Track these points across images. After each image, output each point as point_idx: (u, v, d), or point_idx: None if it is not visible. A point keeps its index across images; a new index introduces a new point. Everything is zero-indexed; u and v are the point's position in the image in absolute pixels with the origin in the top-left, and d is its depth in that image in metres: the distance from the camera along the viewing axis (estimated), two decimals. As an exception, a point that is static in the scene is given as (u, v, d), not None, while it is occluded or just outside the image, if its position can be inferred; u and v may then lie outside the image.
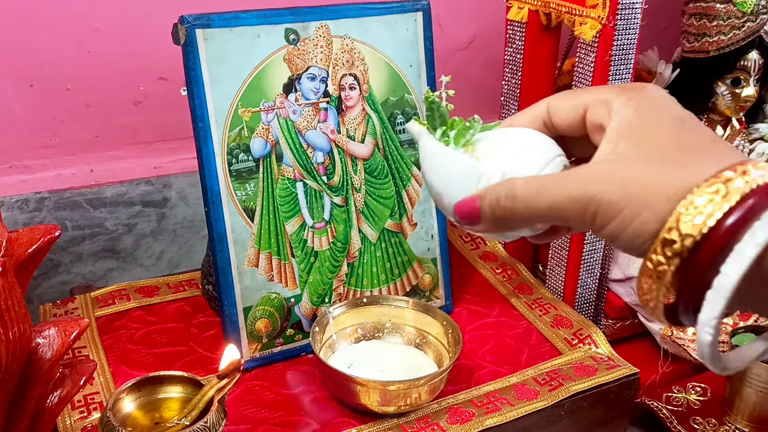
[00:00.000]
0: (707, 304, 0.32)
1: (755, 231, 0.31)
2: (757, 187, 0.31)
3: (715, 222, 0.31)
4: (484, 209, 0.39)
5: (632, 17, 0.75)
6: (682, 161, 0.34)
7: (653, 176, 0.34)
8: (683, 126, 0.36)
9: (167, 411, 0.61)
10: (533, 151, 0.40)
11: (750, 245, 0.31)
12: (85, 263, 0.98)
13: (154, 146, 1.00)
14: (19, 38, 0.88)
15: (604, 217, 0.35)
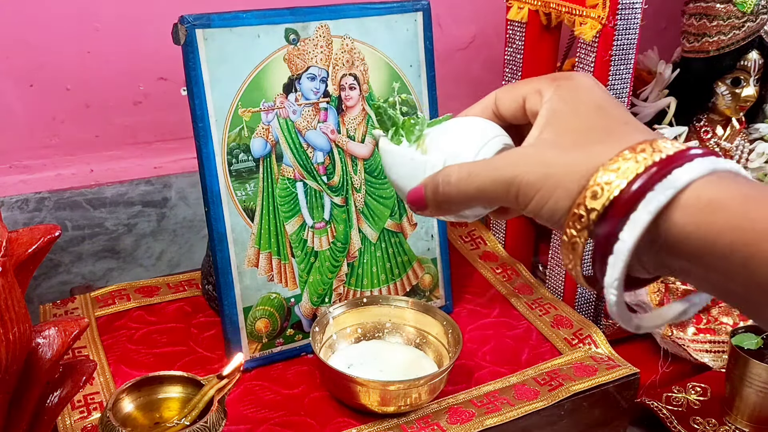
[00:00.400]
0: (609, 268, 0.35)
1: (649, 200, 0.34)
2: (653, 162, 0.35)
3: (614, 196, 0.35)
4: (428, 196, 0.43)
5: (632, 17, 0.75)
6: (593, 144, 0.38)
7: (566, 159, 0.38)
8: (599, 111, 0.40)
9: (167, 411, 0.61)
10: (470, 136, 0.44)
11: (643, 213, 0.34)
12: (85, 263, 0.98)
13: (154, 146, 1.00)
14: (19, 38, 0.88)
15: (525, 196, 0.39)
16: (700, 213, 0.34)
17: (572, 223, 0.37)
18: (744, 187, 0.34)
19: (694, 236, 0.34)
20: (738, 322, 0.90)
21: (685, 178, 0.34)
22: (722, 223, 0.33)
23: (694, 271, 0.36)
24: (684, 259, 0.36)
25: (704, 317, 0.91)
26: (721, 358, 0.87)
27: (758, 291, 0.33)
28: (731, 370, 0.79)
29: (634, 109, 0.92)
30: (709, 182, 0.35)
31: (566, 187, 0.37)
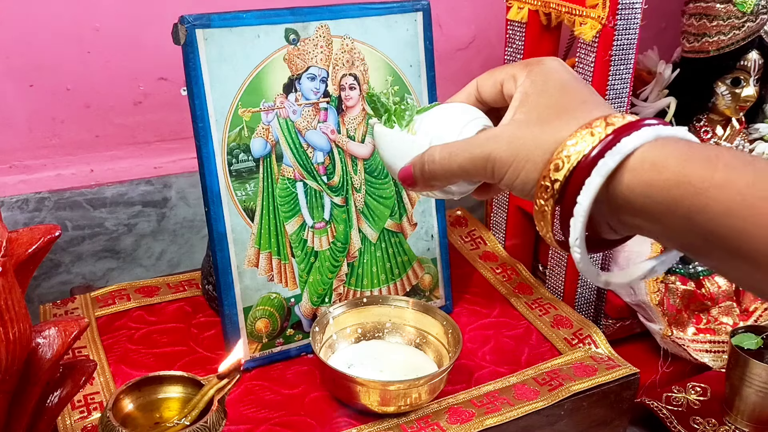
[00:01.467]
0: (571, 229, 0.41)
1: (600, 166, 0.39)
2: (605, 135, 0.40)
3: (573, 167, 0.40)
4: (416, 174, 0.48)
5: (632, 17, 0.75)
6: (555, 120, 0.43)
7: (534, 135, 0.43)
8: (562, 90, 0.44)
9: (167, 411, 0.61)
10: (453, 118, 0.49)
11: (596, 177, 0.39)
12: (85, 263, 0.98)
13: (154, 146, 1.00)
14: (19, 38, 0.88)
15: (499, 171, 0.44)
16: (646, 173, 0.39)
17: (540, 193, 0.42)
18: (683, 148, 0.39)
19: (643, 195, 0.39)
20: (738, 322, 0.90)
21: (631, 144, 0.39)
22: (664, 182, 0.38)
23: (651, 227, 0.40)
24: (639, 217, 0.40)
25: (704, 317, 0.91)
26: (721, 358, 0.87)
27: (703, 241, 0.38)
28: (731, 370, 0.79)
29: (634, 109, 0.92)
30: (653, 147, 0.39)
31: (534, 161, 0.42)
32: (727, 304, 0.91)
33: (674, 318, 0.88)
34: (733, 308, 0.92)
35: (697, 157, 0.38)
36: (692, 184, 0.37)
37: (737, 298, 0.93)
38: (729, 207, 0.36)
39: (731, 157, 0.38)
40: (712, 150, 0.39)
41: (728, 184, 0.36)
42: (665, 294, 0.88)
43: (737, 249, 0.37)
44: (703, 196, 0.37)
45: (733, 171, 0.37)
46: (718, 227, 0.37)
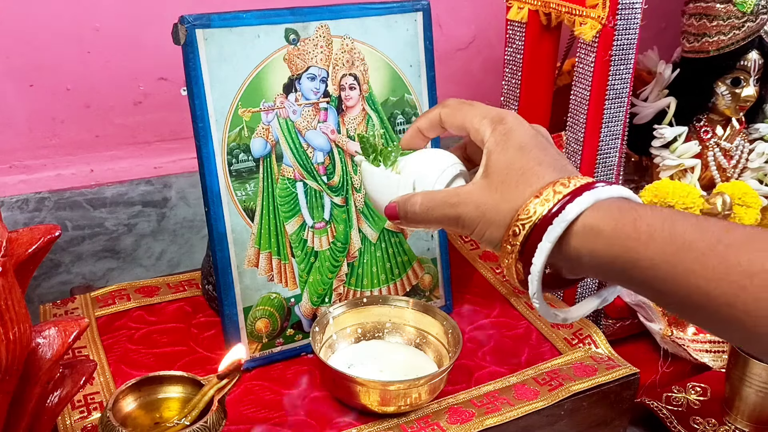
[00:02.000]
0: (530, 285, 0.47)
1: (549, 232, 0.45)
2: (554, 203, 0.46)
3: (527, 233, 0.46)
4: (400, 213, 0.54)
5: (632, 17, 0.75)
6: (514, 188, 0.48)
7: (495, 202, 0.49)
8: (520, 152, 0.50)
9: (167, 411, 0.61)
10: (433, 163, 0.55)
11: (546, 242, 0.46)
12: (85, 263, 0.98)
13: (154, 146, 1.00)
14: (19, 38, 0.88)
15: (468, 229, 0.51)
16: (587, 237, 0.45)
17: (504, 254, 0.49)
18: (615, 212, 0.45)
19: (587, 255, 0.46)
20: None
21: (573, 212, 0.45)
22: (602, 244, 0.45)
23: (599, 276, 0.48)
24: (588, 270, 0.47)
25: (704, 317, 0.91)
26: (721, 358, 0.87)
27: (639, 287, 0.45)
28: (731, 370, 0.79)
29: (634, 109, 0.92)
30: (591, 212, 0.45)
31: (496, 224, 0.49)
32: (727, 304, 0.91)
33: (674, 318, 0.88)
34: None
35: (626, 219, 0.44)
36: (623, 243, 0.44)
37: (737, 298, 0.93)
38: (653, 262, 0.43)
39: (653, 216, 0.44)
40: (639, 210, 0.45)
41: (650, 242, 0.43)
42: (665, 294, 0.88)
43: (665, 294, 0.43)
44: (632, 253, 0.43)
45: (654, 230, 0.43)
46: (646, 277, 0.43)
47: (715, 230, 0.42)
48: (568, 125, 0.83)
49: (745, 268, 0.39)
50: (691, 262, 0.41)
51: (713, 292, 0.40)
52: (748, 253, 0.40)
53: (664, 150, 0.91)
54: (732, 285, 0.40)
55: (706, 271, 0.41)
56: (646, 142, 0.92)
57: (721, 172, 0.93)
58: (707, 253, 0.41)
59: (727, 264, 0.40)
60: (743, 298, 0.39)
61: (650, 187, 0.88)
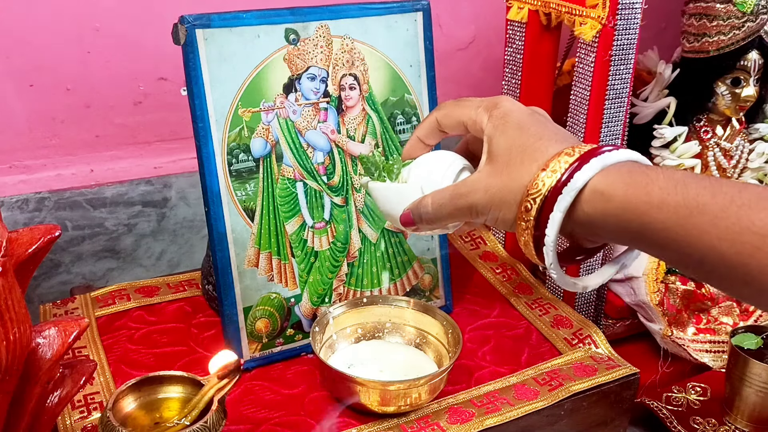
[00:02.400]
0: (546, 256, 0.48)
1: (559, 202, 0.46)
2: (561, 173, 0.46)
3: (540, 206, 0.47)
4: (416, 219, 0.56)
5: (632, 17, 0.75)
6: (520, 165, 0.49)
7: (503, 183, 0.50)
8: (519, 131, 0.50)
9: (167, 411, 0.61)
10: (436, 164, 0.57)
11: (557, 212, 0.46)
12: (85, 263, 0.98)
13: (154, 146, 1.00)
14: (19, 38, 0.88)
15: (482, 215, 0.51)
16: (598, 203, 0.46)
17: (520, 231, 0.49)
18: (626, 176, 0.45)
19: (600, 220, 0.46)
20: (738, 322, 0.90)
21: (582, 179, 0.46)
22: (614, 208, 0.45)
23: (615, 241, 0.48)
24: (603, 235, 0.48)
25: (704, 317, 0.91)
26: (721, 358, 0.87)
27: (655, 250, 0.45)
28: (731, 370, 0.79)
29: (634, 109, 0.92)
30: (601, 177, 0.46)
31: (508, 204, 0.49)
32: (727, 304, 0.91)
33: (674, 318, 0.88)
34: (733, 308, 0.92)
35: (638, 182, 0.45)
36: (636, 208, 0.44)
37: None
38: (666, 225, 0.43)
39: (665, 179, 0.44)
40: (650, 173, 0.45)
41: (663, 206, 0.43)
42: (665, 294, 0.88)
43: (680, 256, 0.43)
44: (645, 217, 0.44)
45: (666, 193, 0.43)
46: (660, 240, 0.44)
47: (729, 191, 0.42)
48: (568, 125, 0.83)
49: (759, 228, 0.39)
50: (705, 225, 0.41)
51: (727, 252, 0.41)
52: (761, 212, 0.40)
53: (664, 150, 0.91)
54: (746, 246, 0.40)
55: (720, 233, 0.41)
56: (646, 142, 0.92)
57: (721, 172, 0.93)
58: (720, 215, 0.41)
59: (741, 225, 0.40)
60: (758, 258, 0.39)
61: (650, 187, 0.87)
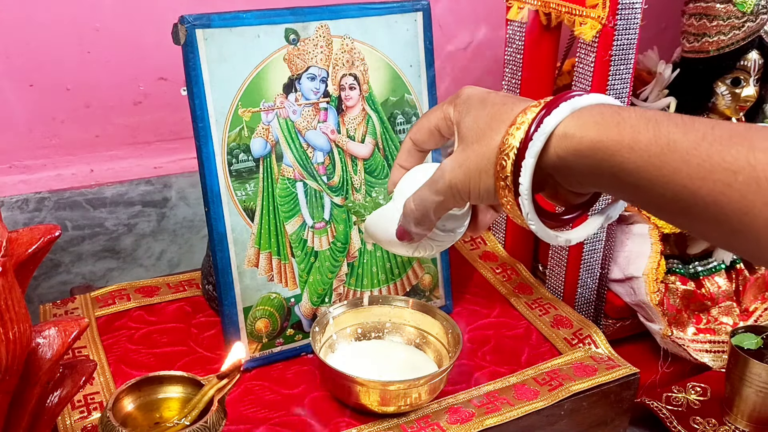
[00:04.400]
0: (521, 205, 0.47)
1: (530, 148, 0.45)
2: (529, 123, 0.45)
3: (514, 160, 0.46)
4: (407, 227, 0.55)
5: (632, 17, 0.75)
6: (489, 131, 0.49)
7: (476, 152, 0.49)
8: (483, 103, 0.51)
9: (167, 411, 0.61)
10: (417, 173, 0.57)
11: (529, 158, 0.45)
12: (85, 263, 0.98)
13: (154, 146, 1.00)
14: (19, 38, 0.88)
15: (464, 192, 0.50)
16: (570, 144, 0.44)
17: (501, 193, 0.48)
18: (597, 116, 0.44)
19: (573, 163, 0.45)
20: (738, 322, 0.90)
21: (552, 122, 0.45)
22: (586, 149, 0.44)
23: (594, 185, 0.47)
24: (578, 181, 0.47)
25: (704, 317, 0.91)
26: (721, 358, 0.87)
27: (631, 194, 0.44)
28: (731, 370, 0.79)
29: (634, 109, 0.92)
30: (572, 120, 0.45)
31: (486, 170, 0.48)
32: (727, 304, 0.91)
33: (674, 318, 0.88)
34: (733, 308, 0.92)
35: (609, 122, 0.43)
36: (607, 147, 0.43)
37: (737, 298, 0.93)
38: (638, 164, 0.42)
39: (637, 118, 0.43)
40: (622, 113, 0.44)
41: (635, 145, 0.42)
42: (665, 294, 0.88)
43: (654, 198, 0.42)
44: (618, 157, 0.42)
45: (638, 132, 0.42)
46: (634, 181, 0.42)
47: (701, 128, 0.41)
48: (568, 125, 0.83)
49: (730, 164, 0.38)
50: (676, 163, 0.40)
51: (699, 191, 0.39)
52: (731, 148, 0.39)
53: (664, 150, 0.91)
54: (717, 183, 0.39)
55: (692, 171, 0.40)
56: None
57: (721, 172, 0.93)
58: (692, 152, 0.40)
59: (712, 162, 0.39)
60: (729, 195, 0.38)
61: (650, 187, 0.87)
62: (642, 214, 0.87)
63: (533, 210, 0.47)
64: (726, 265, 0.93)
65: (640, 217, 0.87)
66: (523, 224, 0.49)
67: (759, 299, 0.93)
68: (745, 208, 0.38)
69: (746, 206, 0.38)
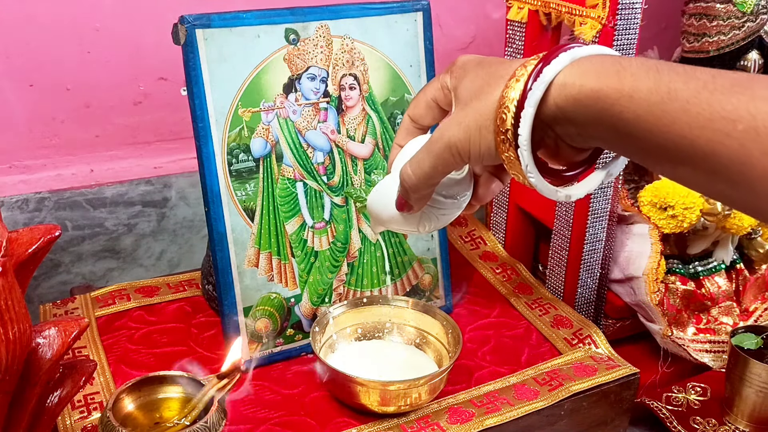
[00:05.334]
0: (521, 157, 0.46)
1: (530, 97, 0.44)
2: (528, 74, 0.44)
3: (514, 112, 0.45)
4: (405, 195, 0.53)
5: (632, 17, 0.75)
6: (488, 87, 0.47)
7: (475, 108, 0.48)
8: (480, 65, 0.50)
9: (167, 411, 0.61)
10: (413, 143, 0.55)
11: (528, 108, 0.44)
12: (85, 263, 0.98)
13: (154, 146, 1.00)
14: (19, 38, 0.88)
15: (464, 151, 0.48)
16: (569, 93, 0.43)
17: (501, 148, 0.46)
18: (597, 64, 0.43)
19: (572, 113, 0.44)
20: (738, 322, 0.90)
21: (551, 71, 0.44)
22: (585, 98, 0.43)
23: (594, 137, 0.45)
24: (580, 129, 0.45)
25: (704, 317, 0.91)
26: (721, 358, 0.87)
27: (630, 146, 0.43)
28: (731, 370, 0.79)
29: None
30: (571, 69, 0.44)
31: (485, 126, 0.47)
32: (727, 304, 0.91)
33: (674, 318, 0.88)
34: (733, 308, 0.92)
35: (609, 71, 0.42)
36: (608, 96, 0.42)
37: (737, 298, 0.93)
38: (637, 113, 0.41)
39: (638, 66, 0.42)
40: (623, 62, 0.43)
41: (635, 93, 0.41)
42: (665, 294, 0.88)
43: (654, 150, 0.41)
44: (617, 106, 0.41)
45: (638, 80, 0.41)
46: (633, 131, 0.41)
47: (702, 77, 0.40)
48: (568, 125, 0.83)
49: (729, 112, 0.37)
50: (676, 112, 0.39)
51: (698, 140, 0.39)
52: (732, 97, 0.38)
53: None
54: (716, 132, 0.38)
55: (691, 120, 0.39)
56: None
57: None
58: (692, 101, 0.39)
59: (712, 110, 0.38)
60: (728, 145, 0.37)
61: (650, 187, 0.88)
62: (642, 215, 0.87)
63: (533, 162, 0.46)
64: (726, 265, 0.93)
65: (640, 217, 0.87)
66: (524, 182, 0.48)
67: (759, 299, 0.93)
68: (743, 157, 0.37)
69: (744, 155, 0.37)
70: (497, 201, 0.99)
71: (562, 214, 0.86)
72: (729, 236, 0.91)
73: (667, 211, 0.85)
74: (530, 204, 0.94)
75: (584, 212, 0.83)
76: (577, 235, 0.85)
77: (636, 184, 0.96)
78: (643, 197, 0.87)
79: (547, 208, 0.89)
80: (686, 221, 0.85)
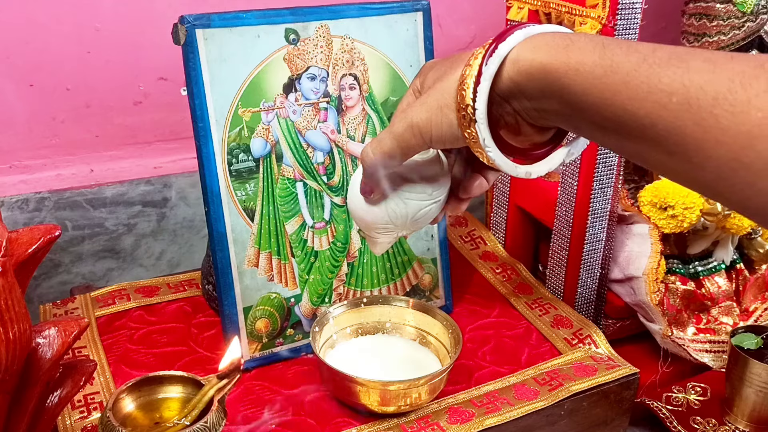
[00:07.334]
0: (478, 131, 0.47)
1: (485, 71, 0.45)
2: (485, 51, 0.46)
3: (473, 88, 0.46)
4: (366, 178, 0.54)
5: (632, 17, 0.75)
6: (451, 70, 0.49)
7: (438, 89, 0.49)
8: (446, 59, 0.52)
9: (167, 411, 0.61)
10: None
11: (483, 82, 0.45)
12: (85, 263, 0.98)
13: (154, 146, 1.00)
14: (19, 38, 0.88)
15: (426, 130, 0.49)
16: (522, 67, 0.45)
17: (462, 125, 0.47)
18: (548, 40, 0.45)
19: (525, 86, 0.45)
20: (738, 322, 0.90)
21: (506, 47, 0.45)
22: (536, 71, 0.44)
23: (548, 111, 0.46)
24: (534, 103, 0.46)
25: (704, 317, 0.91)
26: (721, 358, 0.87)
27: (583, 126, 0.44)
28: (731, 370, 0.79)
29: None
30: (525, 45, 0.45)
31: (447, 104, 0.48)
32: (727, 304, 0.91)
33: (674, 318, 0.88)
34: (733, 308, 0.92)
35: (559, 45, 0.44)
36: (556, 70, 0.43)
37: (737, 298, 0.93)
38: (583, 87, 0.42)
39: (585, 41, 0.43)
40: (572, 37, 0.44)
41: (580, 66, 0.42)
42: (665, 294, 0.88)
43: (600, 123, 0.43)
44: (565, 79, 0.43)
45: (584, 54, 0.42)
46: (580, 104, 0.43)
47: (643, 50, 0.41)
48: (568, 125, 0.83)
49: (666, 85, 0.39)
50: (617, 85, 0.41)
51: (638, 113, 0.40)
52: (669, 69, 0.39)
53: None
54: (654, 105, 0.39)
55: (631, 92, 0.40)
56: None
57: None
58: (632, 74, 0.40)
59: (650, 83, 0.39)
60: (665, 117, 0.39)
61: (650, 187, 0.88)
62: (642, 214, 0.87)
63: (490, 136, 0.47)
64: (726, 265, 0.93)
65: (640, 217, 0.87)
66: (486, 159, 0.49)
67: (759, 299, 0.93)
68: (678, 129, 0.38)
69: (679, 127, 0.38)
70: (497, 201, 0.99)
71: (562, 214, 0.86)
72: (729, 236, 0.91)
73: (667, 211, 0.85)
74: (530, 204, 0.94)
75: (584, 212, 0.83)
76: (577, 235, 0.85)
77: (636, 184, 0.96)
78: (643, 197, 0.87)
79: (547, 208, 0.89)
80: (686, 221, 0.85)
